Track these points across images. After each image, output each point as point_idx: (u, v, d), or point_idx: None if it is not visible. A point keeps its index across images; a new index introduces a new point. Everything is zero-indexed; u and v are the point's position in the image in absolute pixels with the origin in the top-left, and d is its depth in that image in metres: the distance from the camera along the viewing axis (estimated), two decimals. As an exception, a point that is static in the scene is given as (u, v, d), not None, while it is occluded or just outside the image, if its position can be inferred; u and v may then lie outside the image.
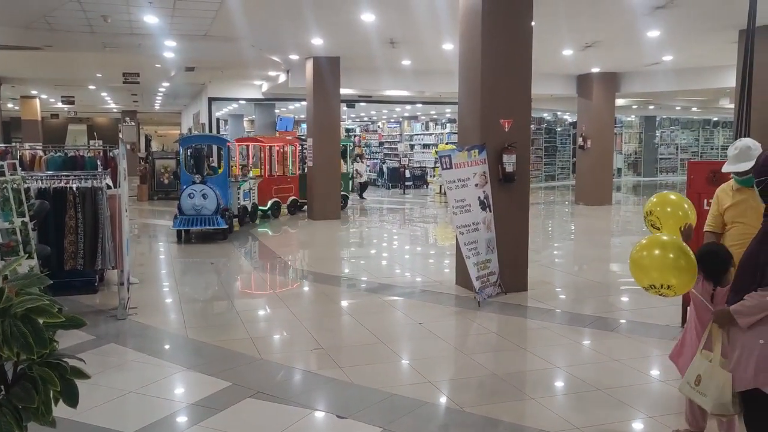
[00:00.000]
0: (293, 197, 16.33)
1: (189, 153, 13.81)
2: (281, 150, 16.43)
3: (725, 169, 4.17)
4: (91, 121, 39.88)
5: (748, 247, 3.20)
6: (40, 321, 2.63)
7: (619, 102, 21.66)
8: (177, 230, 11.93)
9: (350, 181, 20.03)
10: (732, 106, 23.18)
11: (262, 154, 16.12)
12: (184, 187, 12.20)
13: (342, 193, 16.97)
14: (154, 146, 36.38)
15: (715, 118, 33.13)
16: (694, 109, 28.19)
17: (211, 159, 15.78)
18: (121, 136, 30.02)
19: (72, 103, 26.48)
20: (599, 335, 6.30)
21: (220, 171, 13.56)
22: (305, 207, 16.24)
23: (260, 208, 15.04)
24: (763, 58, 9.31)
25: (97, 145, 20.14)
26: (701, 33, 12.14)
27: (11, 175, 6.14)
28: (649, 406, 4.57)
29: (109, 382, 4.81)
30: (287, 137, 17.20)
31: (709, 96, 21.88)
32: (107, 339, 6.03)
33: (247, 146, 16.85)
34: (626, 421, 4.38)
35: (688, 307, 4.02)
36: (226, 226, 11.91)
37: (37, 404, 2.56)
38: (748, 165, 3.88)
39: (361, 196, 21.35)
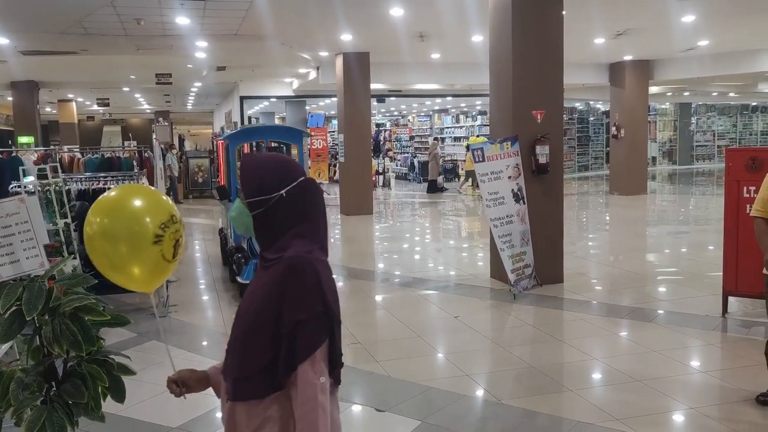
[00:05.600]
0: None
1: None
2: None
3: None
4: (125, 122, 40.54)
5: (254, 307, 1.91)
6: (87, 319, 2.72)
7: (653, 89, 21.27)
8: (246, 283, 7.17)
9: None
10: (771, 90, 22.64)
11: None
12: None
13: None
14: (188, 146, 36.87)
15: (754, 103, 32.30)
16: (731, 94, 27.52)
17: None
18: (155, 136, 30.47)
19: (107, 105, 26.94)
20: (637, 326, 6.23)
21: None
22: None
23: None
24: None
25: (132, 145, 20.46)
26: (738, 16, 11.85)
27: (53, 177, 6.30)
28: (689, 397, 4.52)
29: (153, 378, 4.91)
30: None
31: (747, 80, 21.33)
32: (148, 336, 6.16)
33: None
34: (667, 412, 4.34)
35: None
36: None
37: (87, 400, 2.64)
38: None
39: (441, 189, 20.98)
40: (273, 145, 9.37)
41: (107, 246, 2.29)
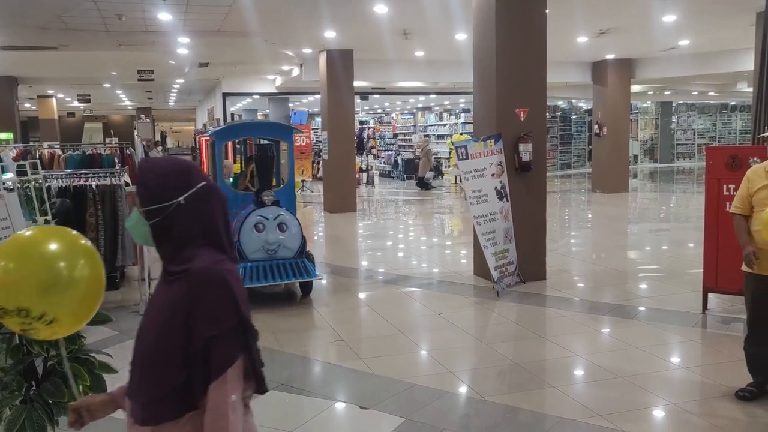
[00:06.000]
0: None
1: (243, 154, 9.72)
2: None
3: None
4: (106, 119, 40.17)
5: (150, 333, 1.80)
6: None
7: (635, 88, 21.43)
8: None
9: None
10: (750, 89, 22.90)
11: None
12: (243, 213, 7.29)
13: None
14: (170, 143, 36.64)
15: (733, 102, 32.67)
16: (711, 93, 27.82)
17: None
18: (137, 133, 30.23)
19: (88, 101, 26.68)
20: (619, 323, 6.28)
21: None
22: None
23: None
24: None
25: (113, 142, 20.28)
26: (718, 16, 11.97)
27: (32, 174, 6.22)
28: (670, 393, 4.56)
29: (134, 377, 4.88)
30: None
31: (727, 80, 21.55)
32: (130, 334, 6.06)
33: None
34: (648, 407, 4.38)
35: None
36: (319, 276, 7.43)
37: (68, 399, 2.61)
38: None
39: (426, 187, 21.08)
40: (261, 142, 9.01)
41: None
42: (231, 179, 9.69)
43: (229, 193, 8.00)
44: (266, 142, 8.66)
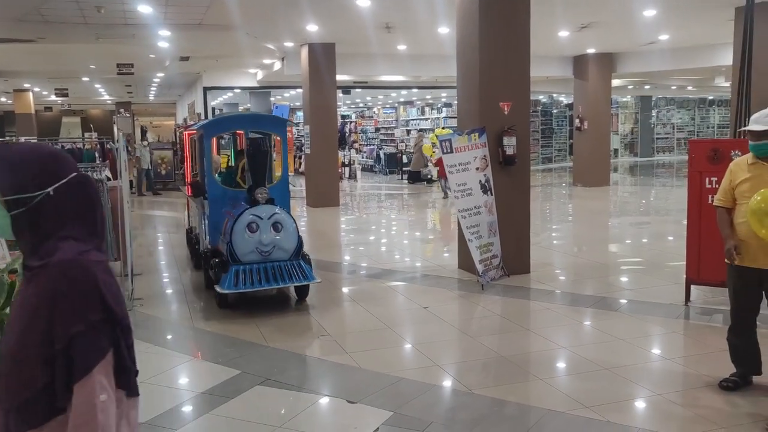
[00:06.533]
0: None
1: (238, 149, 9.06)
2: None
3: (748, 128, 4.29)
4: (85, 113, 39.68)
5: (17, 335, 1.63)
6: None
7: (615, 82, 21.59)
8: (225, 294, 6.53)
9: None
10: (727, 84, 23.18)
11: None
12: (235, 212, 6.75)
13: None
14: (150, 137, 36.30)
15: (711, 97, 33.06)
16: (689, 88, 28.12)
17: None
18: (117, 127, 29.92)
19: (66, 95, 26.31)
20: (602, 315, 6.33)
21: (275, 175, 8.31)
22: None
23: None
24: (763, 35, 9.27)
25: (93, 137, 20.06)
26: (697, 11, 12.08)
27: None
28: (654, 384, 4.60)
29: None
30: None
31: (705, 75, 21.81)
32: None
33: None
34: (632, 399, 4.41)
35: None
36: (316, 279, 6.83)
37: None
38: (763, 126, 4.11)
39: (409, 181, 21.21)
40: (252, 135, 8.12)
41: None
42: (217, 175, 9.43)
43: (218, 190, 7.61)
44: (256, 135, 8.32)
